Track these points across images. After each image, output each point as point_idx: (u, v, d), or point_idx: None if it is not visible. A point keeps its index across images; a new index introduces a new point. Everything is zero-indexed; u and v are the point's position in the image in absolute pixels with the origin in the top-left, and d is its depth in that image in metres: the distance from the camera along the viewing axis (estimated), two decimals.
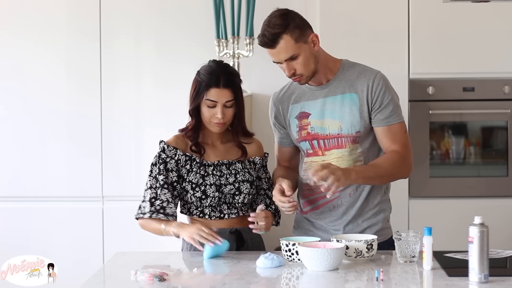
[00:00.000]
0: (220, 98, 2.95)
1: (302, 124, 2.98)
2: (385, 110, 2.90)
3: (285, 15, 2.86)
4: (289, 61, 2.85)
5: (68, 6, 4.39)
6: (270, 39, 2.83)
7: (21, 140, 4.39)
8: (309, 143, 2.97)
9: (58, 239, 4.36)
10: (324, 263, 2.59)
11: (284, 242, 2.74)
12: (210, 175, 2.97)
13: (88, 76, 4.37)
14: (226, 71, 3.00)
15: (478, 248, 2.43)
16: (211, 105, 2.95)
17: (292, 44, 2.83)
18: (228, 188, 2.97)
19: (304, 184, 3.02)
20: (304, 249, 2.63)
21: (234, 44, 4.34)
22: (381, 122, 2.91)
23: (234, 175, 2.99)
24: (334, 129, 2.93)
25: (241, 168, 3.02)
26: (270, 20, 2.85)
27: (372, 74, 2.93)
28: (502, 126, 4.39)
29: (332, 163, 2.85)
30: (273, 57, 2.88)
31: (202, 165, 2.99)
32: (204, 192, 2.95)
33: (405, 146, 2.93)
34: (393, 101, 2.92)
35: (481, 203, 4.27)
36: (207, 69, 3.00)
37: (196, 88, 2.99)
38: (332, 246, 2.66)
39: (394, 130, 2.92)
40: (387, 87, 2.92)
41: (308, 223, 3.04)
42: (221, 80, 2.96)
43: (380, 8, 4.32)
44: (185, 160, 2.99)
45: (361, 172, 2.85)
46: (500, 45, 4.31)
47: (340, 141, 2.93)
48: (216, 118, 2.96)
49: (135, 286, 2.51)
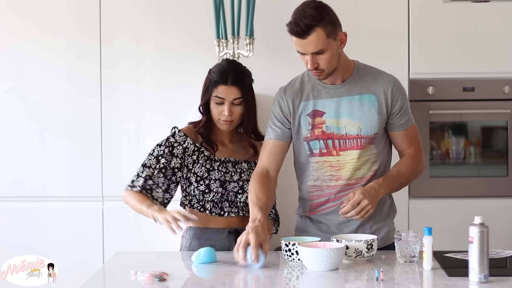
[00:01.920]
0: (227, 96, 2.98)
1: (316, 122, 2.95)
2: (405, 115, 2.97)
3: (321, 7, 2.84)
4: (315, 55, 2.83)
5: (68, 6, 4.38)
6: (303, 29, 2.78)
7: (21, 140, 4.39)
8: (323, 142, 2.94)
9: (58, 239, 4.36)
10: (324, 263, 2.59)
11: (284, 242, 2.74)
12: (216, 170, 2.99)
13: (88, 76, 4.37)
14: (236, 69, 3.03)
15: (478, 248, 2.43)
16: (219, 101, 2.98)
17: (323, 39, 2.81)
18: (232, 186, 2.98)
19: (311, 186, 3.00)
20: (304, 249, 2.63)
21: (234, 44, 4.33)
22: (400, 127, 2.97)
23: (239, 174, 3.00)
24: (352, 129, 2.92)
25: (246, 168, 3.03)
26: (305, 10, 2.81)
27: (390, 78, 2.98)
28: (502, 126, 4.39)
29: (358, 185, 2.91)
30: (300, 48, 2.84)
31: (209, 159, 3.00)
32: (208, 186, 2.96)
33: (419, 147, 3.03)
34: (408, 105, 3.00)
35: (481, 203, 4.27)
36: (218, 67, 3.04)
37: (206, 85, 3.03)
38: (332, 246, 2.66)
39: (411, 133, 3.00)
40: (404, 92, 3.00)
41: (313, 227, 3.02)
42: (229, 77, 2.99)
43: (380, 8, 4.32)
44: (193, 150, 3.00)
45: (389, 187, 2.92)
46: (500, 45, 4.31)
47: (360, 142, 2.92)
48: (223, 116, 2.98)
49: (135, 286, 2.51)
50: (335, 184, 2.94)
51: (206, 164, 2.99)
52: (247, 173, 3.01)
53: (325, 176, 2.95)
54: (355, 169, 2.92)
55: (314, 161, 2.97)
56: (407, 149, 3.01)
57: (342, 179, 2.92)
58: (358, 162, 2.92)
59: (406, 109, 2.98)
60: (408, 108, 3.00)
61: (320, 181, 2.96)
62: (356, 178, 2.93)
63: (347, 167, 2.92)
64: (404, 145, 3.01)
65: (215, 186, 2.96)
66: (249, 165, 3.04)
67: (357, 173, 2.93)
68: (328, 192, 2.95)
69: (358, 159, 2.92)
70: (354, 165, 2.91)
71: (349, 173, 2.92)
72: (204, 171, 2.97)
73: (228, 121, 2.98)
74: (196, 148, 3.00)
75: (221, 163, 3.01)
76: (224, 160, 3.02)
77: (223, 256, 2.87)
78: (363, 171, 2.93)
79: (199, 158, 2.99)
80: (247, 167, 3.03)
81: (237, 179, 2.99)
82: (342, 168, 2.92)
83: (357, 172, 2.93)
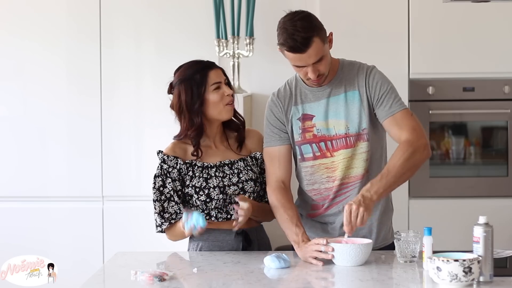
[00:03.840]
0: (220, 77, 3.01)
1: (306, 126, 2.94)
2: (386, 102, 2.87)
3: (308, 16, 2.79)
4: (315, 64, 2.79)
5: (68, 6, 4.39)
6: (302, 42, 2.73)
7: (21, 140, 4.39)
8: (316, 146, 2.93)
9: (58, 239, 4.36)
10: (355, 258, 2.66)
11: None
12: (213, 177, 2.97)
13: (88, 76, 4.37)
14: (201, 60, 3.04)
15: (484, 247, 2.44)
16: (216, 87, 2.97)
17: (321, 46, 2.78)
18: (232, 189, 2.96)
19: (309, 190, 2.99)
20: (337, 246, 2.67)
21: (234, 44, 4.33)
22: (385, 114, 2.87)
23: (237, 175, 2.98)
24: (341, 129, 2.90)
25: (243, 166, 3.01)
26: (294, 24, 2.75)
27: (366, 68, 2.92)
28: (502, 126, 4.39)
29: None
30: (300, 62, 2.79)
31: (204, 168, 2.98)
32: (208, 195, 2.94)
33: (414, 129, 2.84)
34: (392, 90, 2.89)
35: (481, 203, 4.27)
36: (185, 68, 3.03)
37: (190, 88, 2.97)
38: (361, 242, 2.72)
39: (399, 117, 2.86)
40: (383, 79, 2.90)
41: (316, 228, 3.02)
42: (208, 63, 3.01)
43: (380, 8, 4.32)
44: (186, 168, 2.98)
45: (381, 187, 2.74)
46: (500, 45, 4.31)
47: (348, 141, 2.90)
48: (227, 97, 2.98)
49: (135, 286, 2.51)
50: (332, 185, 2.93)
51: (203, 174, 2.97)
52: (245, 172, 2.99)
53: (322, 178, 2.94)
54: (347, 168, 2.90)
55: (308, 165, 2.95)
56: (400, 136, 2.85)
57: (337, 180, 2.92)
58: (349, 161, 2.90)
59: (388, 94, 2.87)
60: (390, 93, 2.88)
61: (318, 184, 2.95)
62: (350, 177, 2.91)
63: (339, 167, 2.91)
64: (396, 132, 2.86)
65: (215, 193, 2.94)
66: (245, 163, 3.02)
67: (350, 172, 2.91)
68: (327, 195, 2.95)
69: (349, 158, 2.90)
70: (346, 164, 2.89)
71: (342, 173, 2.90)
72: (202, 181, 2.95)
73: (231, 101, 2.99)
74: (188, 165, 2.98)
75: (217, 168, 2.99)
76: (220, 164, 3.00)
77: (223, 256, 2.87)
78: (355, 170, 2.91)
79: (195, 172, 2.98)
80: (244, 165, 3.01)
81: (236, 181, 2.97)
82: (336, 168, 2.91)
83: (349, 171, 2.91)
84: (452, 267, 2.33)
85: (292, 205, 2.93)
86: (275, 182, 2.95)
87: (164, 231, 2.98)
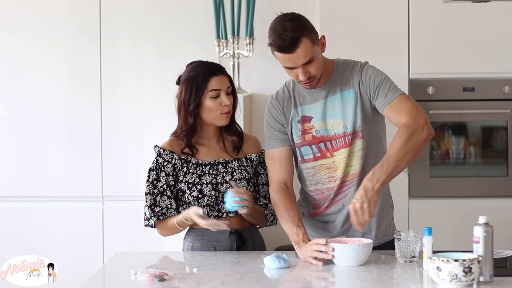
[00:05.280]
0: (222, 85, 2.98)
1: (305, 128, 2.95)
2: (382, 92, 2.87)
3: (298, 18, 2.80)
4: (305, 65, 2.80)
5: (68, 6, 4.39)
6: (291, 42, 2.74)
7: (21, 140, 4.39)
8: (316, 147, 2.94)
9: (58, 239, 4.36)
10: (355, 258, 2.66)
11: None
12: (207, 174, 2.98)
13: (88, 76, 4.37)
14: (212, 62, 3.03)
15: (484, 247, 2.44)
16: (215, 95, 2.97)
17: (310, 47, 2.78)
18: (224, 187, 2.96)
19: (312, 190, 3.00)
20: (337, 246, 2.67)
21: (234, 44, 4.33)
22: (383, 104, 2.86)
23: (230, 173, 2.99)
24: (339, 128, 2.91)
25: (237, 166, 3.01)
26: (283, 24, 2.77)
27: (358, 65, 2.93)
28: (502, 126, 4.39)
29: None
30: (289, 62, 2.80)
31: (199, 165, 2.99)
32: (201, 191, 2.95)
33: (411, 111, 2.82)
34: (386, 80, 2.88)
35: (481, 203, 4.27)
36: (194, 67, 3.03)
37: (191, 88, 2.98)
38: (361, 242, 2.72)
39: (396, 104, 2.85)
40: (376, 72, 2.90)
41: (317, 227, 3.03)
42: (215, 68, 2.99)
43: (380, 8, 4.32)
44: (181, 163, 2.99)
45: (384, 173, 2.71)
46: (500, 45, 4.31)
47: (347, 139, 2.91)
48: (224, 107, 2.97)
49: (135, 286, 2.51)
50: (333, 185, 2.94)
51: (196, 171, 2.98)
52: (238, 171, 2.99)
53: (324, 179, 2.95)
54: (346, 166, 2.92)
55: (309, 166, 2.97)
56: (399, 121, 2.83)
57: (338, 179, 2.93)
58: (348, 159, 2.91)
59: (382, 85, 2.87)
60: (385, 83, 2.87)
61: (320, 184, 2.96)
62: (349, 175, 2.92)
63: (340, 167, 2.92)
64: (395, 118, 2.85)
65: (208, 190, 2.95)
66: (240, 163, 3.02)
67: (349, 170, 2.92)
68: (328, 194, 2.95)
69: (348, 156, 2.91)
70: (346, 163, 2.91)
71: (342, 172, 2.92)
72: (195, 177, 2.96)
73: (229, 111, 2.98)
74: (183, 161, 2.99)
75: (211, 166, 3.00)
76: (215, 163, 3.00)
77: (223, 256, 2.87)
78: (353, 168, 2.92)
79: (189, 168, 2.98)
80: (238, 165, 3.01)
81: (230, 179, 2.97)
82: (337, 168, 2.92)
83: (348, 169, 2.92)
84: (452, 267, 2.33)
85: (293, 206, 2.93)
86: (277, 183, 2.96)
87: (155, 225, 2.98)
